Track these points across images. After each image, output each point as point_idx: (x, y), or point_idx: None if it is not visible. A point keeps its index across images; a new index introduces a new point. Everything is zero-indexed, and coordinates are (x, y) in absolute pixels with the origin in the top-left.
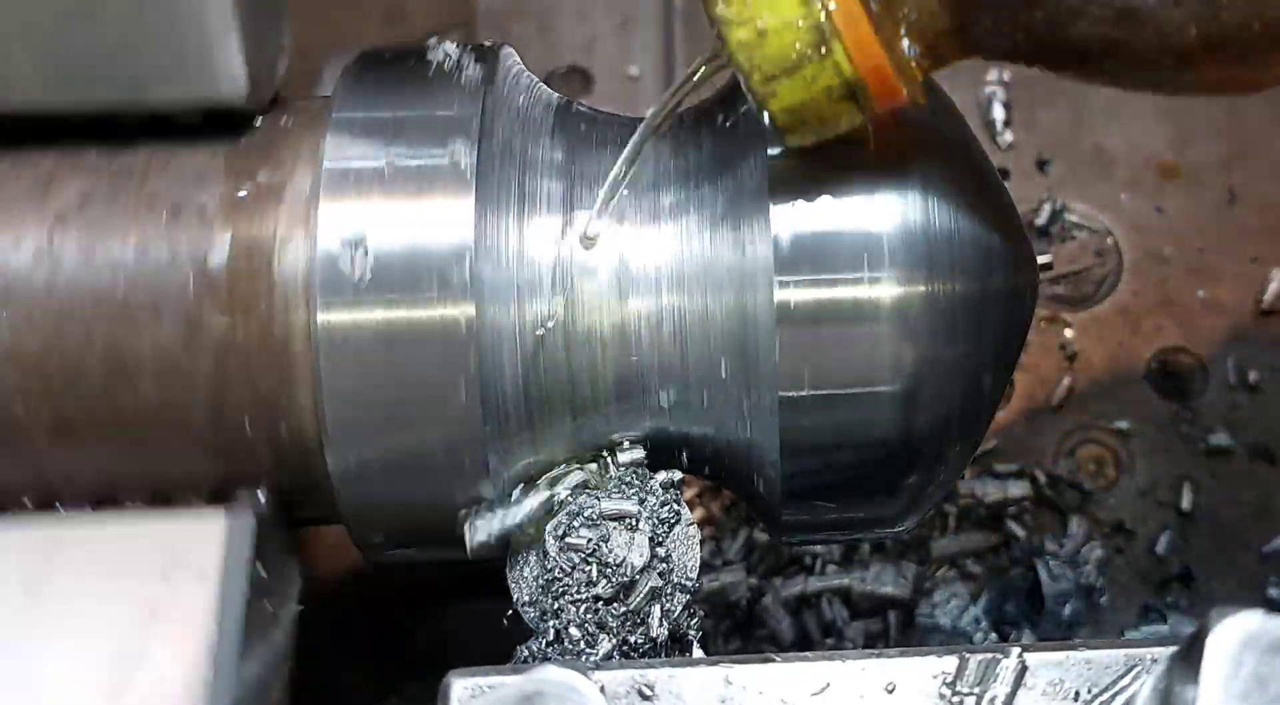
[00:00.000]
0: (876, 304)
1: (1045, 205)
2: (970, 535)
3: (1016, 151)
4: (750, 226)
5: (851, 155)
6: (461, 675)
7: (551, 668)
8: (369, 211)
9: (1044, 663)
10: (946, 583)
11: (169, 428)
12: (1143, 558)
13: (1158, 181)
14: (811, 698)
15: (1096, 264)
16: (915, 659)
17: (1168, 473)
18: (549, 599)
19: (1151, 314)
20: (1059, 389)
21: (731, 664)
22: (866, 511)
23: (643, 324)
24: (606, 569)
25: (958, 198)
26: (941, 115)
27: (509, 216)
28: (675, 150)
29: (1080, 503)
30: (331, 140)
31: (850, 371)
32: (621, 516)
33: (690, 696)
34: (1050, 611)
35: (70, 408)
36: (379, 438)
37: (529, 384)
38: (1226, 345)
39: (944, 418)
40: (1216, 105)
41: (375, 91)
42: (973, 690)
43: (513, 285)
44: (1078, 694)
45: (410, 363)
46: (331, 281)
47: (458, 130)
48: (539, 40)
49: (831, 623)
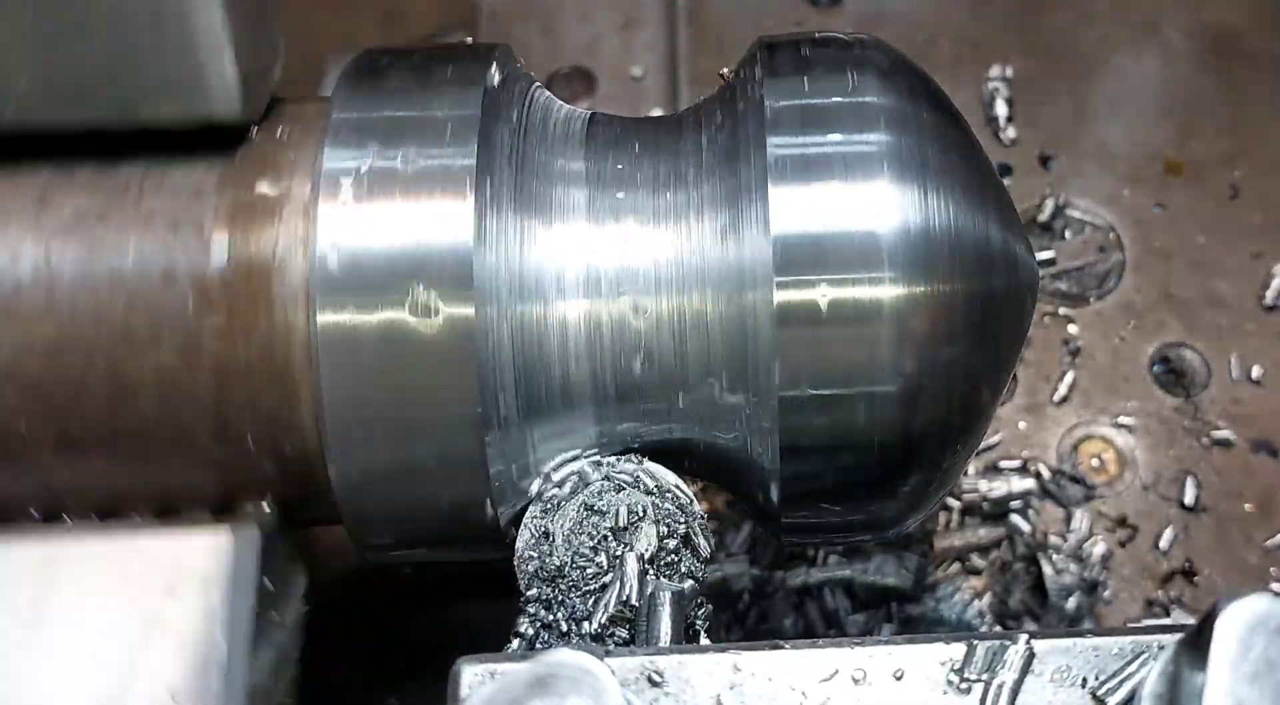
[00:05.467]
0: (876, 304)
1: (1048, 201)
2: (974, 530)
3: (1019, 147)
4: (750, 227)
5: (851, 155)
6: (471, 661)
7: (564, 651)
8: (367, 214)
9: (1052, 650)
10: (950, 577)
11: (172, 444)
12: (1146, 552)
13: (1160, 177)
14: (820, 684)
15: (1099, 259)
16: (923, 646)
17: (1171, 467)
18: (554, 589)
19: (1154, 309)
20: (1062, 384)
21: (740, 651)
22: (866, 512)
23: (642, 324)
24: (614, 561)
25: (957, 198)
26: (941, 115)
27: (508, 218)
28: (675, 151)
29: (1084, 497)
30: (330, 144)
31: (850, 372)
32: (629, 510)
33: (699, 683)
34: (1054, 605)
35: (73, 426)
36: (380, 438)
37: (528, 385)
38: (1229, 340)
39: (944, 418)
40: (1219, 101)
41: (373, 94)
42: (980, 677)
43: (511, 287)
44: (1085, 681)
45: (409, 365)
46: (330, 286)
47: (457, 132)
48: (542, 41)
49: (834, 613)
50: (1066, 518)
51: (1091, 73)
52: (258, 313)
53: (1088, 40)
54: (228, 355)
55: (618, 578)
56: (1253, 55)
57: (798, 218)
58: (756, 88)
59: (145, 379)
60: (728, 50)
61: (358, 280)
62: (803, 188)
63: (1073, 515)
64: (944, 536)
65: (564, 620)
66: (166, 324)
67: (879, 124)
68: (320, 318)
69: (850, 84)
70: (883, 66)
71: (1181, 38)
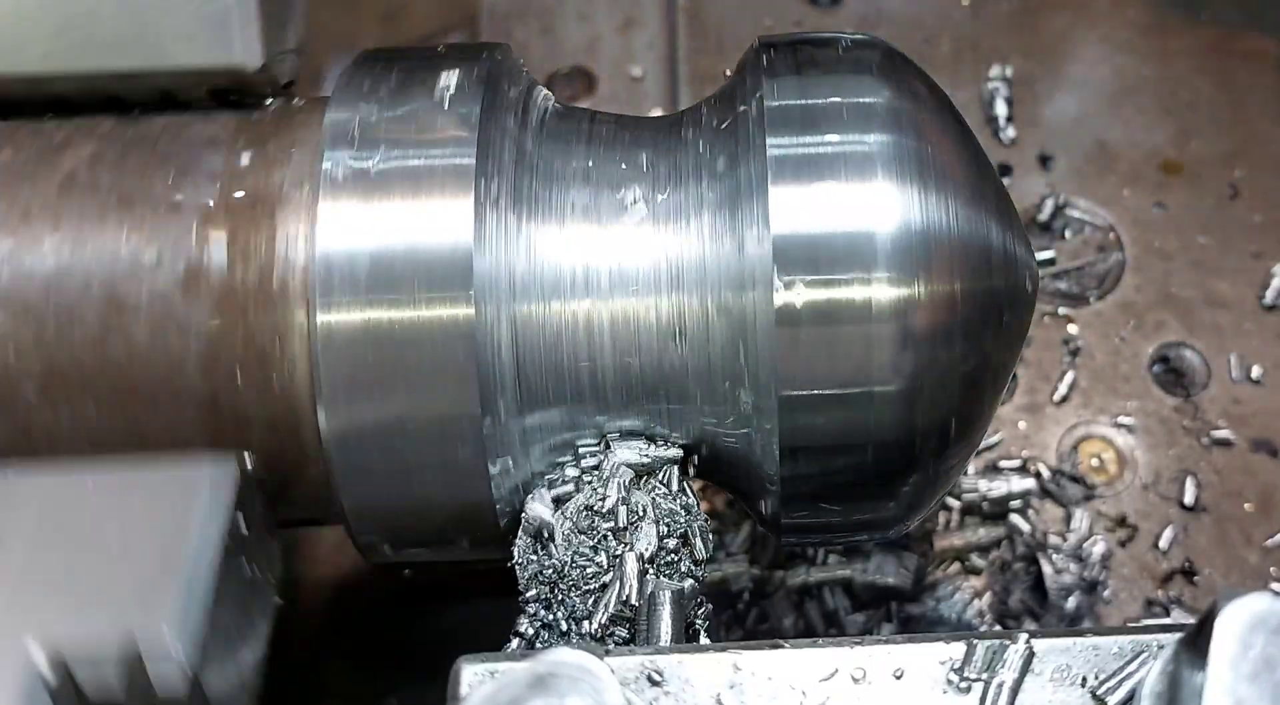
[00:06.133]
0: (876, 304)
1: (1048, 201)
2: (974, 530)
3: (1019, 147)
4: (750, 227)
5: (851, 156)
6: (471, 660)
7: (564, 650)
8: (367, 214)
9: (1051, 649)
10: (950, 577)
11: (160, 380)
12: (1146, 552)
13: (1160, 177)
14: (820, 684)
15: (1099, 259)
16: (923, 645)
17: (1170, 467)
18: (553, 589)
19: (1154, 309)
20: (1062, 384)
21: (740, 650)
22: (866, 512)
23: (642, 324)
24: (614, 560)
25: (957, 198)
26: (940, 115)
27: (507, 218)
28: (675, 151)
29: (1083, 497)
30: (330, 143)
31: (850, 372)
32: (629, 510)
33: (699, 682)
34: (1053, 605)
35: (61, 356)
36: (378, 438)
37: (527, 385)
38: (1228, 340)
39: (943, 418)
40: (1219, 101)
41: (374, 94)
42: (980, 676)
43: (510, 287)
44: (1085, 680)
45: (408, 365)
46: (329, 285)
47: (456, 132)
48: (542, 41)
49: (833, 613)
50: (1066, 517)
51: (1091, 72)
52: (259, 236)
53: (1088, 40)
54: (226, 287)
55: (617, 577)
56: (1252, 55)
57: (798, 218)
58: (756, 88)
59: (140, 304)
60: (728, 50)
61: (356, 280)
62: (802, 188)
63: (1072, 515)
64: (944, 536)
65: (564, 619)
66: (167, 252)
67: (878, 124)
68: (320, 318)
69: (849, 84)
70: (882, 66)
71: (1180, 37)
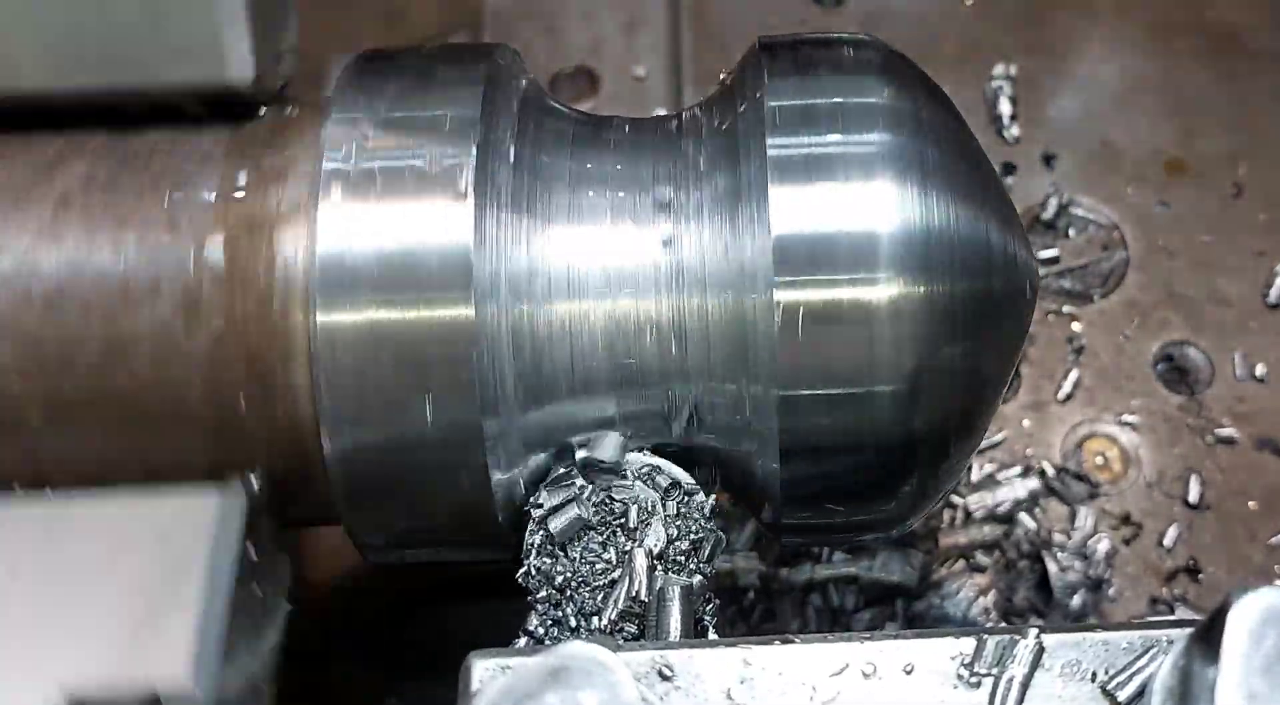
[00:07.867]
0: (876, 304)
1: (1052, 199)
2: (979, 527)
3: (1023, 146)
4: (750, 227)
5: (851, 156)
6: (482, 656)
7: (577, 643)
8: (366, 214)
9: (1061, 644)
10: (955, 574)
11: (162, 405)
12: (1150, 550)
13: (1164, 176)
14: (830, 679)
15: (1103, 258)
16: (933, 640)
17: (1175, 465)
18: (563, 586)
19: (1158, 307)
20: (1066, 382)
21: (750, 645)
22: (867, 512)
23: (642, 323)
24: (623, 557)
25: (957, 198)
26: (940, 115)
27: (507, 218)
28: (675, 151)
29: (1088, 495)
30: (330, 143)
31: (850, 371)
32: (639, 507)
33: (710, 677)
34: (1058, 603)
35: (65, 384)
36: (376, 432)
37: (527, 385)
38: (1233, 338)
39: (944, 418)
40: (1223, 100)
41: (374, 94)
42: (990, 671)
43: (510, 287)
44: (1095, 675)
45: (408, 365)
46: (329, 286)
47: (456, 132)
48: (546, 41)
49: (839, 610)
50: (1071, 515)
51: (1095, 71)
52: (258, 254)
53: (1091, 39)
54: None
55: (626, 573)
56: (1256, 53)
57: (798, 218)
58: (756, 88)
59: (141, 336)
60: (731, 50)
61: (357, 284)
62: (803, 188)
63: (1077, 513)
64: (949, 534)
65: (573, 616)
66: (166, 278)
67: (879, 124)
68: (320, 318)
69: (849, 84)
70: (882, 66)
71: (1185, 36)
